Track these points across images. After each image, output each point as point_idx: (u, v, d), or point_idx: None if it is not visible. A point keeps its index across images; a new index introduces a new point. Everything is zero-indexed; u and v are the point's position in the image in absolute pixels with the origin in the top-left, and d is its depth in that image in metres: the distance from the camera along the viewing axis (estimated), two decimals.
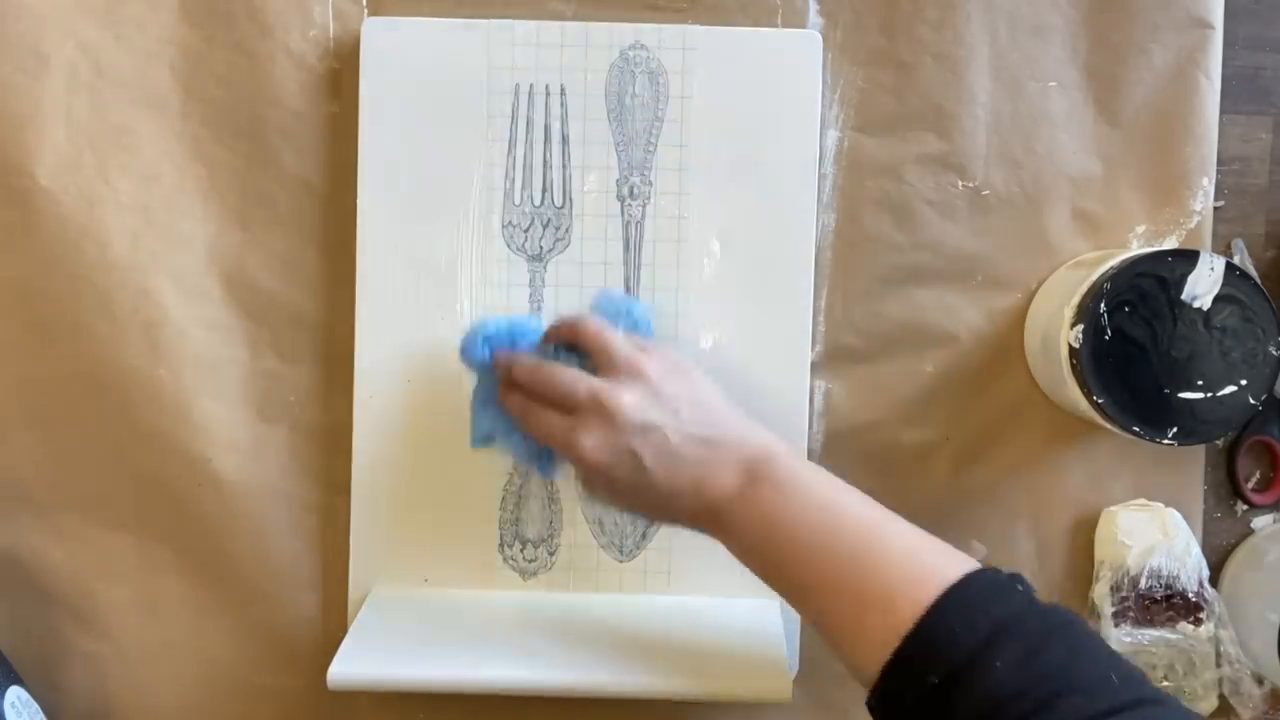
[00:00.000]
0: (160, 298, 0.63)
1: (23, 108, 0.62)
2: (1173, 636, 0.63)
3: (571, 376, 0.56)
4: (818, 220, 0.63)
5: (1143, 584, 0.63)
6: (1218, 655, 0.63)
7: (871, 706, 0.49)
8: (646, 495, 0.54)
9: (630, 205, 0.63)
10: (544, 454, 0.59)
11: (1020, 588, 0.48)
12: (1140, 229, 0.64)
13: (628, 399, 0.54)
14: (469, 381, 0.61)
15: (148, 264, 0.63)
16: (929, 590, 0.47)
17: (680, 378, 0.56)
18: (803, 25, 0.63)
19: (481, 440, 0.60)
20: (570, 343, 0.58)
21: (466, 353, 0.60)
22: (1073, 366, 0.58)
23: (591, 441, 0.54)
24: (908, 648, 0.47)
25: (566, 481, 0.64)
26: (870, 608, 0.49)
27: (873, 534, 0.51)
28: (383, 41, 0.62)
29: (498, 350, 0.59)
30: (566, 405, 0.55)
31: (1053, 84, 0.64)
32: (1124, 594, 0.63)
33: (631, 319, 0.60)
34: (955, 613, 0.47)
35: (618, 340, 0.57)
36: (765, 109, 0.63)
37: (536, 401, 0.56)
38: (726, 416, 0.55)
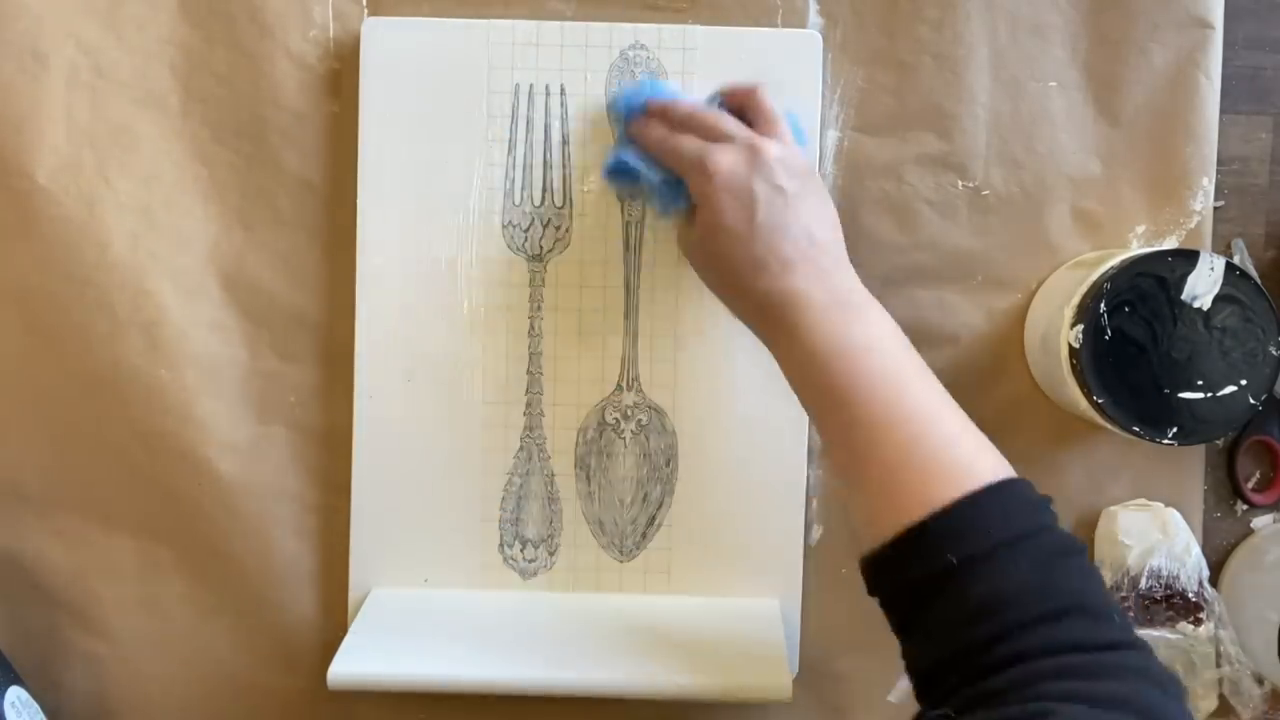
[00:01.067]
0: (160, 298, 0.63)
1: (22, 108, 0.62)
2: (1173, 636, 0.63)
3: (732, 119, 0.57)
4: None
5: (1143, 584, 0.63)
6: (1218, 655, 0.63)
7: (869, 564, 0.49)
8: (740, 250, 0.54)
9: (630, 205, 0.63)
10: (669, 183, 0.58)
11: (1051, 510, 0.49)
12: (1140, 229, 0.64)
13: (778, 152, 0.55)
14: (468, 381, 0.61)
15: (148, 264, 0.63)
16: (972, 478, 0.48)
17: (818, 185, 0.56)
18: (803, 25, 0.63)
19: (613, 167, 0.60)
20: (736, 103, 0.59)
21: (628, 97, 0.61)
22: (1073, 366, 0.58)
23: (726, 160, 0.54)
24: (938, 521, 0.47)
25: (567, 481, 0.64)
26: (910, 469, 0.49)
27: (934, 406, 0.51)
28: (383, 41, 0.62)
29: (656, 97, 0.60)
30: (714, 137, 0.56)
31: (1053, 84, 0.64)
32: (1124, 594, 0.63)
33: (793, 127, 0.60)
34: (992, 506, 0.47)
35: (785, 120, 0.58)
36: None
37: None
38: (839, 242, 0.56)
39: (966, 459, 0.49)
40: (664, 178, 0.58)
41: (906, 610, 0.48)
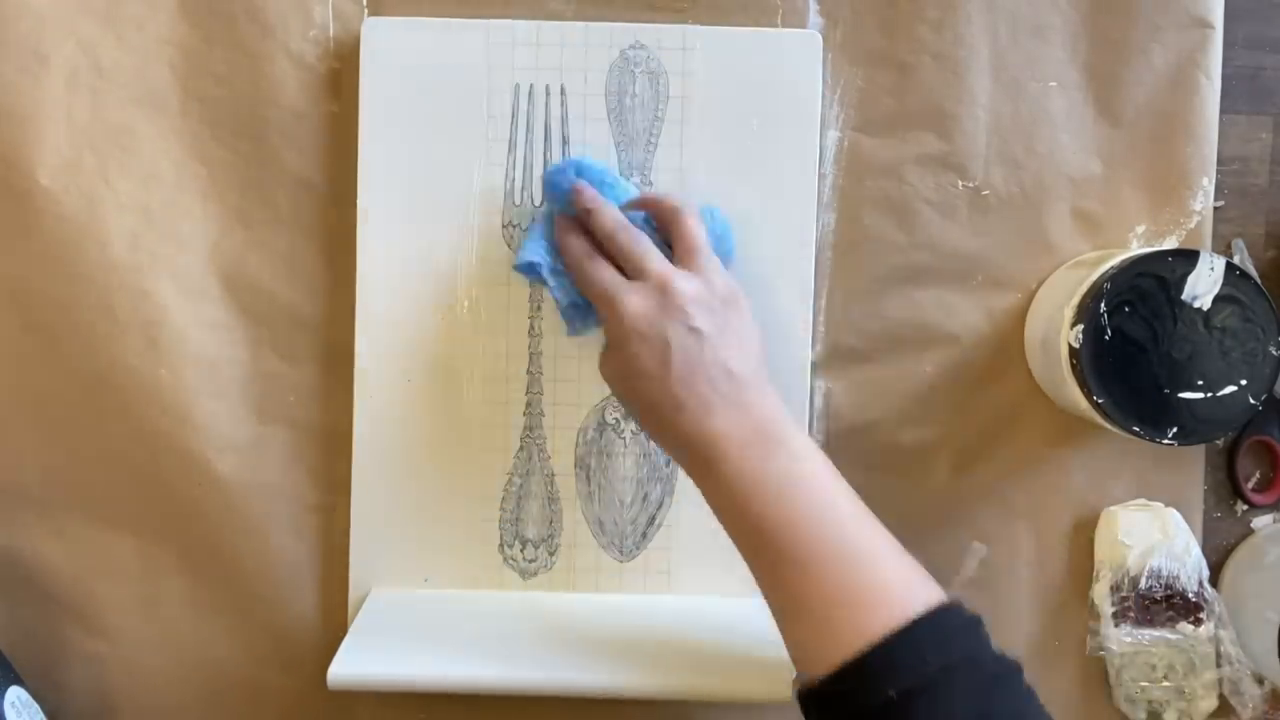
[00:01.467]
0: (161, 298, 0.63)
1: (23, 107, 0.63)
2: (1173, 636, 0.63)
3: (651, 246, 0.57)
4: (818, 220, 0.63)
5: (1143, 584, 0.63)
6: (1218, 655, 0.63)
7: (805, 697, 0.49)
8: (656, 392, 0.54)
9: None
10: (578, 306, 0.59)
11: (984, 630, 0.49)
12: (1140, 229, 0.64)
13: (692, 291, 0.54)
14: (469, 381, 0.61)
15: (148, 264, 0.63)
16: (906, 607, 0.48)
17: (739, 314, 0.56)
18: (803, 25, 0.63)
19: (524, 266, 0.60)
20: (659, 221, 0.59)
21: (554, 177, 0.60)
22: (1073, 366, 0.58)
23: (638, 305, 0.54)
24: (874, 654, 0.47)
25: (567, 481, 0.64)
26: (842, 605, 0.49)
27: (863, 536, 0.51)
28: (383, 41, 0.62)
29: (583, 185, 0.59)
30: (629, 269, 0.56)
31: (1053, 84, 0.64)
32: (1124, 594, 0.63)
33: (716, 234, 0.60)
34: (926, 635, 0.48)
35: (706, 245, 0.57)
36: (765, 109, 0.63)
37: (599, 253, 0.57)
38: (761, 370, 0.55)
39: (899, 588, 0.49)
40: (572, 301, 0.59)
41: None
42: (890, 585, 0.49)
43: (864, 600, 0.49)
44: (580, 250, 0.58)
